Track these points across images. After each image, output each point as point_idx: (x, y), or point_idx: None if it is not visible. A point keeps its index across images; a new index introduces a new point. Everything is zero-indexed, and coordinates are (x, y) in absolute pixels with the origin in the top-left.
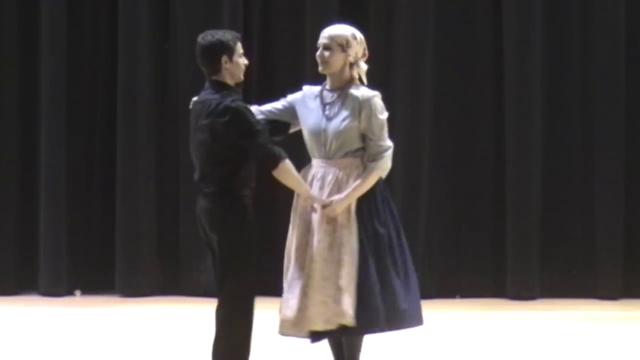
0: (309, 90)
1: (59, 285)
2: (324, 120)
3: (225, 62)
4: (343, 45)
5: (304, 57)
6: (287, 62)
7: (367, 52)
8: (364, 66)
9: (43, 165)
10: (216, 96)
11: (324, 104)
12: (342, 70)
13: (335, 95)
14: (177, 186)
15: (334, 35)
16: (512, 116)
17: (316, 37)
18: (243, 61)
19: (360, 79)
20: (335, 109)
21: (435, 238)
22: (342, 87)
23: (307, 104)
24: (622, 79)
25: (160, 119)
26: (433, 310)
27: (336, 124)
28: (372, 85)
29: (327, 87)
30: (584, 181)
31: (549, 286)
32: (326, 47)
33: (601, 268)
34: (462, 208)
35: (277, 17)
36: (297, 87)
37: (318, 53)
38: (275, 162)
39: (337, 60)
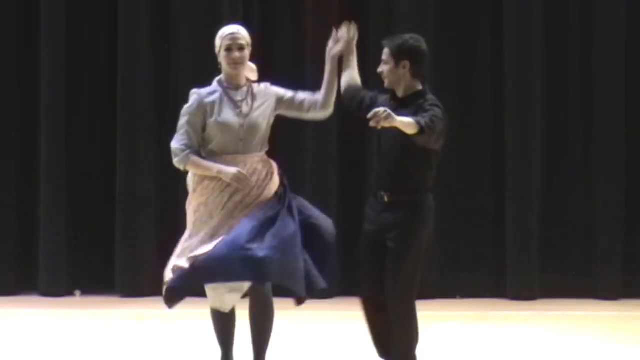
0: None
1: (59, 285)
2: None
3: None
4: None
5: (303, 58)
6: (287, 63)
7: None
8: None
9: (43, 166)
10: None
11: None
12: None
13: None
14: (177, 186)
15: None
16: (512, 116)
17: (316, 37)
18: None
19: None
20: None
21: (435, 238)
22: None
23: None
24: (622, 78)
25: (160, 119)
26: (433, 311)
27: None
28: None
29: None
30: (583, 181)
31: (549, 286)
32: None
33: (601, 268)
34: (462, 208)
35: (277, 17)
36: (296, 87)
37: None
38: None
39: None
